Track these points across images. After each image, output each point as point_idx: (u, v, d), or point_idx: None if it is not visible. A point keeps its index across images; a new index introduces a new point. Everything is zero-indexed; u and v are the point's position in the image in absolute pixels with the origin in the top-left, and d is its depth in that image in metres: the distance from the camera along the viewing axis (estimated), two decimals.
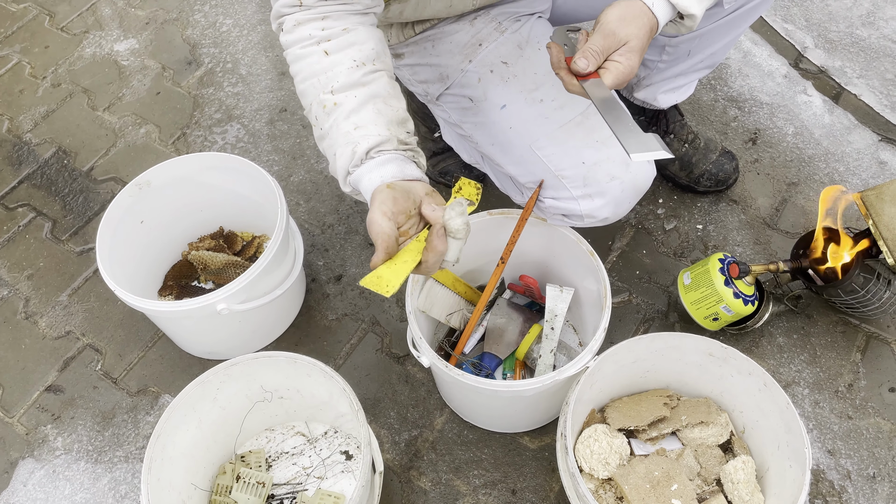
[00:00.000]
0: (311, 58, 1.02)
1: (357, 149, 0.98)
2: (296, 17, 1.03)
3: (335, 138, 1.01)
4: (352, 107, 1.00)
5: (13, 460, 1.43)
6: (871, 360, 1.44)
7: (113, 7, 2.20)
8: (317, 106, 1.02)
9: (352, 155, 0.99)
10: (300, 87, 1.05)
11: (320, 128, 1.03)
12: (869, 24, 1.94)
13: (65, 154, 1.88)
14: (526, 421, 1.37)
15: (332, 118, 1.01)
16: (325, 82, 1.01)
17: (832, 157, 1.71)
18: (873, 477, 1.32)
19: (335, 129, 1.01)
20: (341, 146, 1.00)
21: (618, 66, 0.98)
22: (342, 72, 1.01)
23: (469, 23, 1.29)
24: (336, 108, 1.01)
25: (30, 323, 1.60)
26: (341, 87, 1.01)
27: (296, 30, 1.03)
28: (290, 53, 1.05)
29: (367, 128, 0.99)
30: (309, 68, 1.02)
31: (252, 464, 1.32)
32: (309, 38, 1.02)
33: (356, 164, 0.99)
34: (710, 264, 1.37)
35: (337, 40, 1.02)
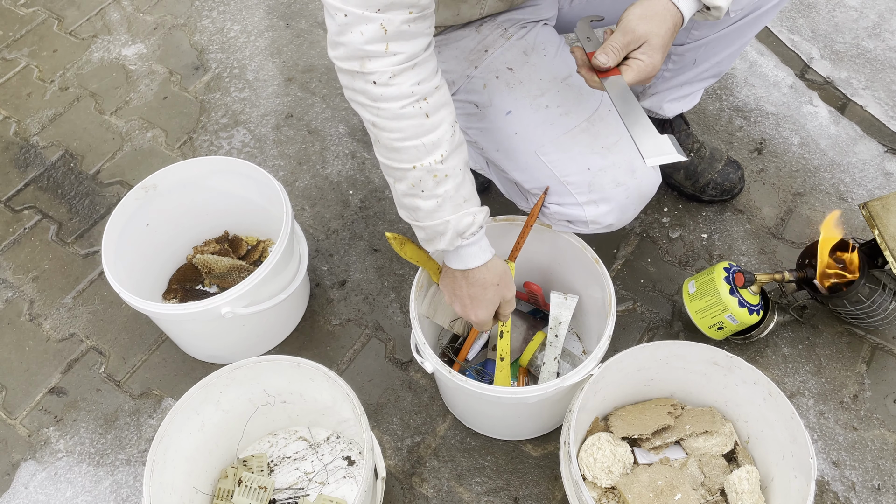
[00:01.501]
0: (413, 120, 1.01)
1: (476, 220, 1.09)
2: (390, 69, 0.97)
3: (447, 207, 1.07)
4: (460, 180, 1.07)
5: (15, 462, 1.43)
6: (877, 371, 1.43)
7: (121, 12, 2.21)
8: (424, 172, 1.04)
9: (471, 225, 1.09)
10: (397, 145, 1.03)
11: (422, 190, 1.06)
12: (875, 36, 1.94)
13: (71, 157, 1.89)
14: (529, 428, 1.37)
15: (443, 188, 1.06)
16: (432, 149, 1.03)
17: (838, 168, 1.70)
18: (878, 489, 1.31)
19: (448, 200, 1.07)
20: (455, 214, 1.08)
21: (638, 63, 1.00)
22: (446, 140, 1.04)
23: (475, 29, 1.29)
24: (447, 179, 1.06)
25: (34, 325, 1.61)
26: (447, 156, 1.05)
27: (393, 83, 0.98)
28: (387, 111, 1.00)
29: (472, 201, 1.10)
30: (412, 129, 1.02)
31: (254, 468, 1.32)
32: (410, 95, 0.99)
33: (473, 233, 1.10)
34: (715, 273, 1.37)
35: (433, 100, 1.02)
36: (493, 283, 1.15)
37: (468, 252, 1.12)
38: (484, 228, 1.12)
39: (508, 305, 1.19)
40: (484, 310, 1.16)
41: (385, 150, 1.06)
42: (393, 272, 1.62)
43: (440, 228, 1.09)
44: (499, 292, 1.16)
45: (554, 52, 1.29)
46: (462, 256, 1.13)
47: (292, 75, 2.00)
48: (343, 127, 1.88)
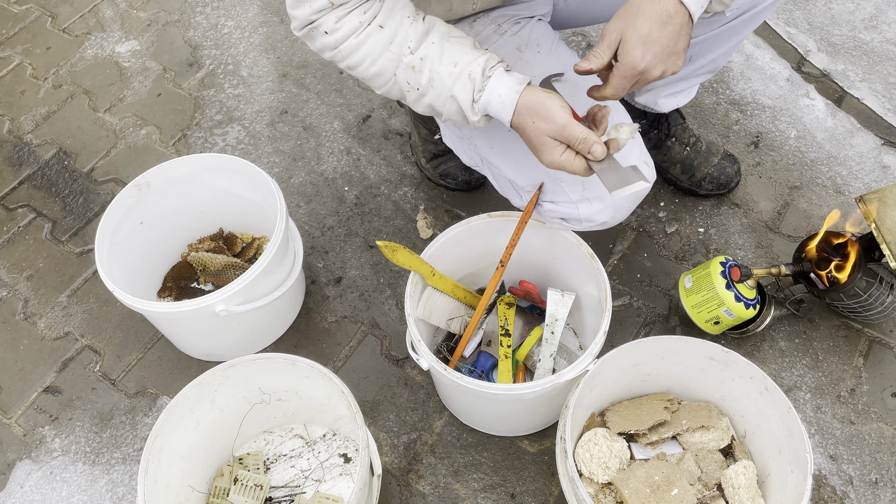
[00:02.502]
0: (371, 38, 1.04)
1: (473, 74, 1.03)
2: (335, 14, 1.03)
3: (441, 84, 1.05)
4: (438, 52, 1.04)
5: (10, 462, 1.43)
6: (874, 364, 1.43)
7: (115, 9, 2.20)
8: (403, 71, 1.05)
9: (471, 82, 1.03)
10: (372, 70, 1.07)
11: (416, 88, 1.06)
12: (872, 28, 1.93)
13: (65, 155, 1.88)
14: (525, 424, 1.37)
15: (426, 72, 1.04)
16: (399, 48, 1.04)
17: (835, 161, 1.70)
18: (875, 483, 1.31)
19: (436, 78, 1.04)
20: (453, 84, 1.04)
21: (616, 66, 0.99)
22: (407, 31, 1.04)
23: (468, 25, 1.28)
24: (425, 61, 1.04)
25: (29, 324, 1.60)
26: (417, 43, 1.04)
27: (341, 25, 1.04)
28: (346, 47, 1.05)
29: (463, 59, 1.04)
30: (374, 47, 1.04)
31: (250, 466, 1.31)
32: (360, 24, 1.03)
33: (480, 89, 1.03)
34: (712, 268, 1.36)
35: (383, 13, 1.04)
36: (529, 124, 1.03)
37: (493, 109, 1.05)
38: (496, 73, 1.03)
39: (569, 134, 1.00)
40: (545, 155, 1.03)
41: (371, 81, 1.09)
42: (389, 269, 1.61)
43: (453, 108, 1.07)
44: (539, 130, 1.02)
45: (548, 48, 1.28)
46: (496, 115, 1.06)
47: (287, 71, 1.99)
48: (338, 123, 1.87)
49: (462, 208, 1.69)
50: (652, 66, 0.98)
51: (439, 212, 1.69)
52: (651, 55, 0.97)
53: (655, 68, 0.98)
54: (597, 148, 0.99)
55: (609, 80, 1.00)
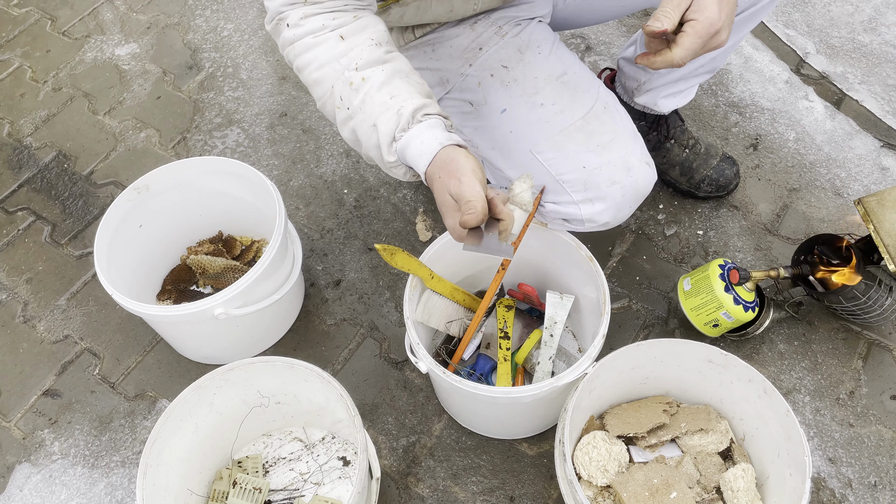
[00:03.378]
0: (326, 44, 1.00)
1: (402, 111, 0.96)
2: (302, 11, 1.00)
3: (370, 110, 0.98)
4: (382, 79, 0.98)
5: (9, 465, 1.43)
6: (873, 367, 1.43)
7: (114, 11, 2.20)
8: (341, 85, 1.00)
9: (397, 118, 0.96)
10: (315, 76, 1.02)
11: (347, 107, 1.00)
12: (871, 30, 1.93)
13: (65, 158, 1.88)
14: (524, 427, 1.37)
15: (361, 93, 0.99)
16: (348, 62, 0.99)
17: (834, 163, 1.70)
18: (874, 485, 1.31)
19: (369, 102, 0.98)
20: (381, 115, 0.97)
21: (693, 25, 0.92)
22: (363, 50, 0.99)
23: (469, 27, 1.29)
24: (365, 82, 0.98)
25: (28, 327, 1.60)
26: (366, 64, 0.99)
27: (305, 22, 1.01)
28: (300, 44, 1.02)
29: (402, 95, 0.98)
30: (326, 53, 1.00)
31: (249, 469, 1.31)
32: (322, 27, 1.00)
33: (403, 128, 0.97)
34: (711, 270, 1.36)
35: (350, 26, 1.01)
36: (438, 182, 0.95)
37: (410, 156, 0.97)
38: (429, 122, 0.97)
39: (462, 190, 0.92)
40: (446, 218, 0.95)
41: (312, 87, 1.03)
42: (388, 271, 1.61)
43: (373, 140, 0.99)
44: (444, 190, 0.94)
45: (548, 49, 1.28)
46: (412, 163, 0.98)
47: (286, 74, 1.99)
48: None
49: None
50: (724, 27, 0.92)
51: (438, 214, 1.69)
52: (724, 15, 0.92)
53: (724, 30, 0.93)
54: (468, 218, 0.90)
55: (680, 40, 0.93)
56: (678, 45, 0.93)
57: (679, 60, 0.94)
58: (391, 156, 0.99)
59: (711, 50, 0.95)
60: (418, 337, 1.21)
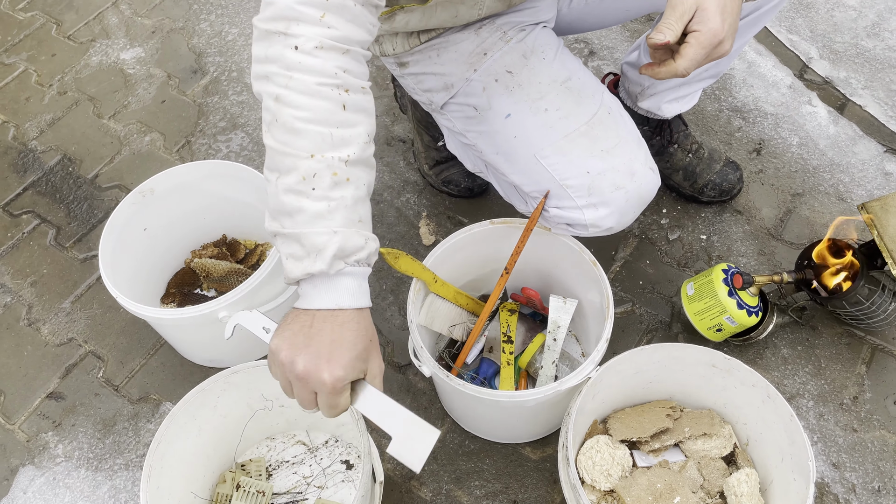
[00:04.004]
0: (328, 103, 0.88)
1: (368, 246, 0.90)
2: (317, 39, 0.87)
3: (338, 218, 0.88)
4: (360, 195, 0.91)
5: (13, 467, 1.43)
6: (877, 372, 1.43)
7: (119, 16, 2.21)
8: (323, 166, 0.88)
9: (361, 248, 0.89)
10: (300, 126, 0.88)
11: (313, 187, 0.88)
12: (874, 36, 1.93)
13: (70, 161, 1.88)
14: (528, 431, 1.37)
15: (340, 193, 0.89)
16: (340, 145, 0.89)
17: (837, 168, 1.70)
18: (878, 490, 1.30)
19: (342, 210, 0.89)
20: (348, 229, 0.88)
21: (696, 35, 0.92)
22: (358, 144, 0.90)
23: (474, 32, 1.29)
24: (348, 184, 0.89)
25: (32, 330, 1.60)
26: (355, 162, 0.90)
27: (318, 55, 0.88)
28: (302, 82, 0.88)
29: (367, 227, 0.92)
30: (323, 113, 0.88)
31: (252, 472, 1.31)
32: (333, 76, 0.88)
33: (358, 261, 0.89)
34: (714, 275, 1.36)
35: (355, 97, 0.90)
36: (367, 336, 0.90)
37: (345, 284, 0.89)
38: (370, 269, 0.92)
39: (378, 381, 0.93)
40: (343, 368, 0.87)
41: (281, 132, 0.88)
42: (391, 275, 1.61)
43: (321, 241, 0.87)
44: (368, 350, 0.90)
45: (553, 55, 1.28)
46: (335, 289, 0.89)
47: None
48: None
49: (465, 215, 1.69)
50: (727, 36, 0.92)
51: (442, 218, 1.69)
52: (727, 25, 0.92)
53: (728, 40, 0.93)
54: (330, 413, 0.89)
55: (683, 51, 0.93)
56: (682, 56, 0.93)
57: (683, 71, 0.94)
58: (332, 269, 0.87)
59: (715, 59, 0.96)
60: (422, 341, 1.21)
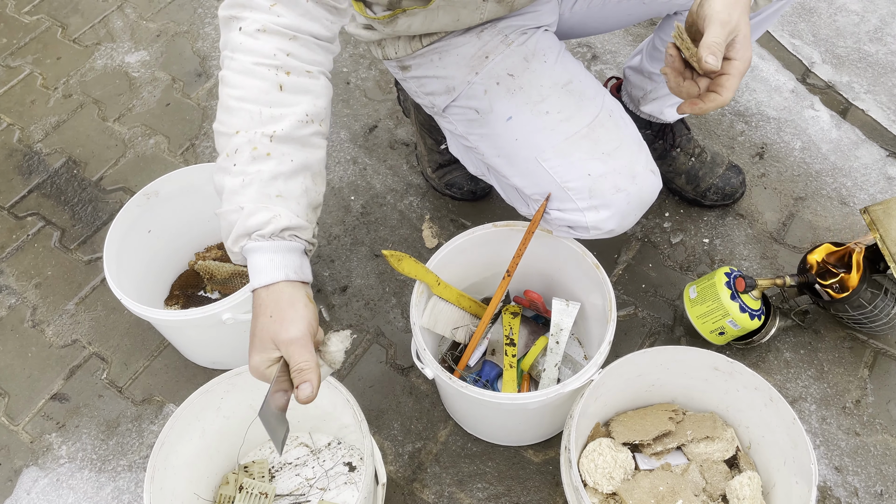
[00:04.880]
0: (262, 82, 0.90)
1: (275, 221, 0.88)
2: (261, 21, 0.90)
3: (250, 191, 0.89)
4: (283, 170, 0.90)
5: (17, 468, 1.43)
6: (879, 376, 1.43)
7: (124, 19, 2.22)
8: (244, 141, 0.89)
9: (265, 223, 0.88)
10: (232, 103, 0.90)
11: (234, 163, 0.89)
12: (877, 40, 1.94)
13: (74, 164, 1.89)
14: (530, 434, 1.37)
15: (256, 167, 0.89)
16: (268, 121, 0.89)
17: (840, 172, 1.70)
18: (881, 494, 1.30)
19: (255, 182, 0.89)
20: (255, 203, 0.88)
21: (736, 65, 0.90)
22: (290, 121, 0.90)
23: (476, 35, 1.30)
24: (268, 159, 0.89)
25: (37, 331, 1.61)
26: (282, 138, 0.90)
27: (259, 36, 0.90)
28: (240, 62, 0.90)
29: (289, 202, 0.90)
30: (255, 92, 0.90)
31: (255, 474, 1.32)
32: (271, 57, 0.90)
33: (263, 235, 0.89)
34: (717, 278, 1.36)
35: (296, 79, 0.91)
36: (265, 313, 0.88)
37: (253, 262, 0.89)
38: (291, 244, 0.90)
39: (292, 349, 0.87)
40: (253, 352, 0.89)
41: (220, 111, 0.92)
42: (394, 278, 1.62)
43: (232, 217, 0.89)
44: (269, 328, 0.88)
45: (554, 58, 1.29)
46: (251, 269, 0.90)
47: None
48: (344, 133, 1.88)
49: (467, 218, 1.70)
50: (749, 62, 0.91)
51: (445, 221, 1.70)
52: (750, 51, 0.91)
53: None
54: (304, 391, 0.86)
55: (726, 83, 0.90)
56: (725, 88, 0.91)
57: (726, 103, 0.92)
58: (236, 246, 0.91)
59: None
60: (424, 343, 1.21)
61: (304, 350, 0.87)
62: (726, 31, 0.88)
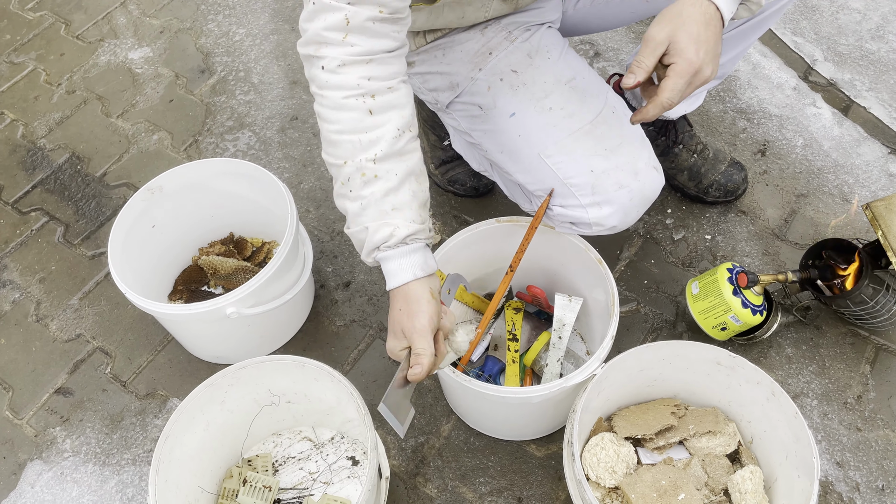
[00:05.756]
0: (354, 112, 1.00)
1: (396, 232, 1.01)
2: (340, 57, 0.98)
3: (370, 212, 1.01)
4: (392, 185, 1.01)
5: (21, 462, 1.44)
6: (881, 371, 1.43)
7: (128, 16, 2.23)
8: (353, 169, 1.01)
9: (389, 237, 1.01)
10: (334, 137, 1.02)
11: (350, 190, 1.02)
12: (878, 38, 1.94)
13: (78, 160, 1.90)
14: (533, 429, 1.37)
15: (369, 190, 1.01)
16: (368, 146, 1.00)
17: (841, 170, 1.71)
18: (882, 489, 1.31)
19: (372, 204, 1.01)
20: (376, 222, 1.01)
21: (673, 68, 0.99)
22: (386, 140, 1.00)
23: (480, 32, 1.30)
24: (376, 181, 1.00)
25: (41, 326, 1.62)
26: (384, 158, 1.00)
27: (341, 71, 0.99)
28: (329, 98, 1.00)
29: (403, 212, 1.01)
30: (351, 123, 1.00)
31: (259, 468, 1.32)
32: (356, 87, 0.99)
33: (390, 247, 1.02)
34: (719, 274, 1.37)
35: (381, 99, 1.00)
36: (397, 307, 1.03)
37: (386, 268, 1.04)
38: (413, 245, 1.02)
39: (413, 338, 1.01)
40: (390, 338, 1.05)
41: (326, 144, 1.04)
42: None
43: (360, 236, 1.03)
44: (399, 320, 1.03)
45: (558, 54, 1.29)
46: (385, 272, 1.04)
47: (297, 78, 2.01)
48: None
49: (470, 214, 1.70)
50: (705, 64, 0.99)
51: (447, 217, 1.70)
52: (703, 52, 0.98)
53: (707, 66, 0.99)
54: (416, 372, 0.99)
55: (664, 84, 0.99)
56: (663, 89, 0.99)
57: (668, 102, 1.00)
58: (369, 258, 1.04)
59: (699, 86, 1.01)
60: None
61: (423, 339, 1.00)
62: (649, 47, 0.99)
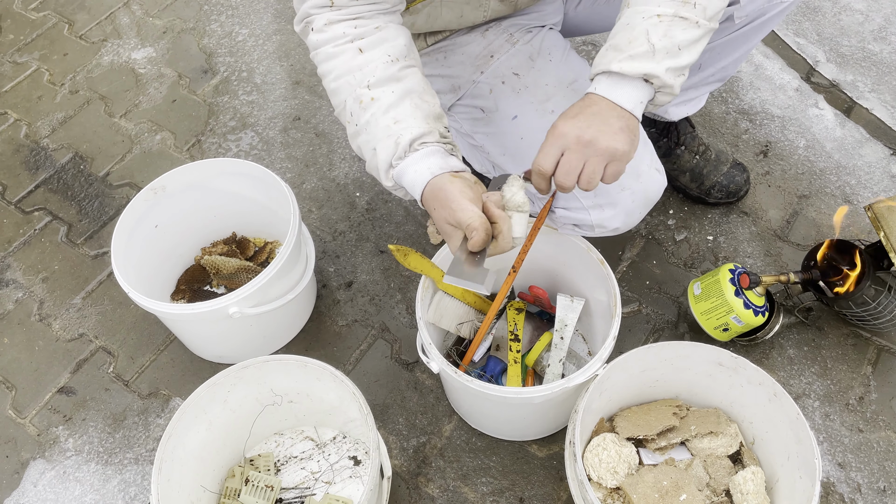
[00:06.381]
0: (344, 55, 1.03)
1: (400, 140, 1.00)
2: (326, 17, 1.04)
3: (374, 133, 1.02)
4: (390, 101, 1.02)
5: (24, 461, 1.44)
6: (883, 373, 1.43)
7: (131, 16, 2.23)
8: (352, 102, 1.03)
9: (395, 147, 1.00)
10: (332, 86, 1.05)
11: (356, 124, 1.04)
12: (881, 39, 1.94)
13: (81, 159, 1.90)
14: (534, 429, 1.37)
15: (369, 113, 1.02)
16: (361, 78, 1.02)
17: (844, 171, 1.71)
18: (884, 490, 1.31)
19: (373, 124, 1.02)
20: (382, 140, 1.01)
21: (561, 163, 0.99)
22: (378, 67, 1.02)
23: (481, 34, 1.30)
24: (373, 102, 1.02)
25: (44, 325, 1.62)
26: (378, 82, 1.02)
27: (327, 29, 1.04)
28: (321, 52, 1.05)
29: (406, 121, 1.01)
30: (343, 65, 1.03)
31: (261, 467, 1.33)
32: (342, 35, 1.03)
33: (400, 157, 1.01)
34: (721, 274, 1.37)
35: (370, 38, 1.03)
36: (432, 208, 1.00)
37: (406, 182, 1.02)
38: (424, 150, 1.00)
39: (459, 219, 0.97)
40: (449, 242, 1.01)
41: (330, 97, 1.07)
42: (399, 273, 1.63)
43: (373, 163, 1.03)
44: (441, 217, 0.99)
45: (559, 56, 1.30)
46: (408, 188, 1.03)
47: (300, 78, 2.02)
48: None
49: None
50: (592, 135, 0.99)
51: None
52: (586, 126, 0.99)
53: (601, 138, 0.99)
54: (475, 240, 0.96)
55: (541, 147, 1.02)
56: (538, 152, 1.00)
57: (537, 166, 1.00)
58: (388, 181, 1.04)
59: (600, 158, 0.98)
60: (430, 338, 1.22)
61: (466, 212, 0.95)
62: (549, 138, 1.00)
